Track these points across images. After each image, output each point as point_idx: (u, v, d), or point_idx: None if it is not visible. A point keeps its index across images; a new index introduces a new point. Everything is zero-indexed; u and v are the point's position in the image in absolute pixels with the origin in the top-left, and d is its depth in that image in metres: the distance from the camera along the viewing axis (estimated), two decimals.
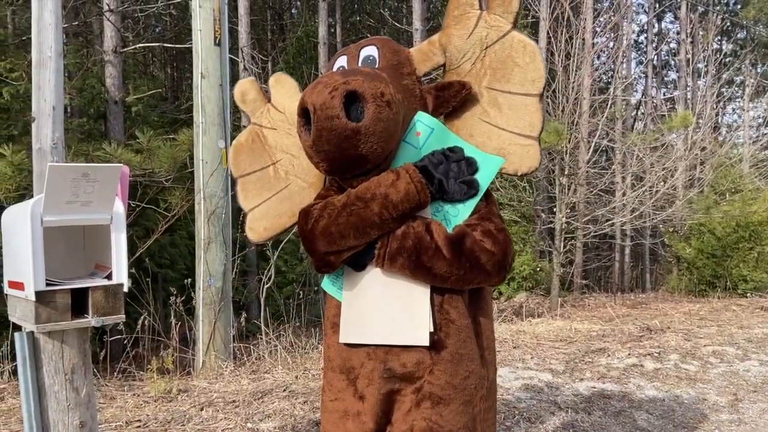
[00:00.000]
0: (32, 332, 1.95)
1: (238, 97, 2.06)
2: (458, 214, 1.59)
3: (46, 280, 1.84)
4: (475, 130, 1.66)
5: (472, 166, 1.58)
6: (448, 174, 1.56)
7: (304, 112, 1.49)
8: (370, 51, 1.70)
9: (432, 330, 1.57)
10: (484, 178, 1.58)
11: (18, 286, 1.92)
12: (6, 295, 2.10)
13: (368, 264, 1.61)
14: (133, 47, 9.57)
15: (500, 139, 1.63)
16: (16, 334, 1.99)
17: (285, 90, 1.99)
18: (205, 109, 5.02)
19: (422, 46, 1.75)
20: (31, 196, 2.00)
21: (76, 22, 9.62)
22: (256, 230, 1.99)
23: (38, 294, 1.82)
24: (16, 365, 2.04)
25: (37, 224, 1.82)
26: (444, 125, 1.65)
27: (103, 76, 8.39)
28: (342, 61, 1.74)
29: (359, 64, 1.69)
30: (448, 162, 1.57)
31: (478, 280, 1.57)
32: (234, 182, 2.07)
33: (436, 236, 1.52)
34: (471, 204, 1.59)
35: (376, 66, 1.66)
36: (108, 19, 8.06)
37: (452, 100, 1.66)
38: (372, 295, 1.62)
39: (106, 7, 8.11)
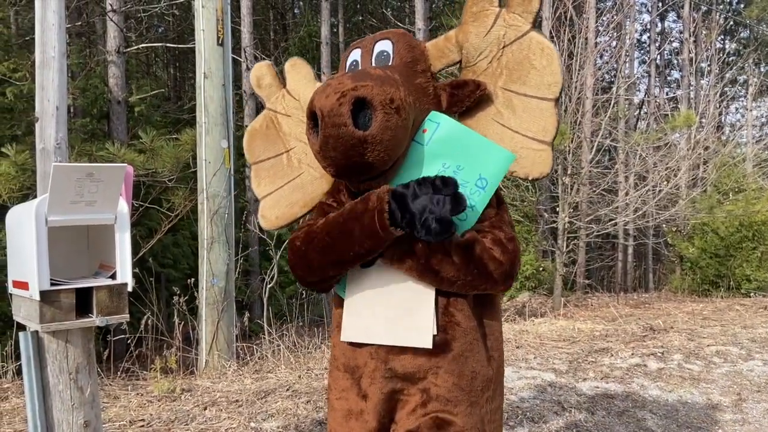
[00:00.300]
0: (37, 332, 1.96)
1: (254, 81, 2.03)
2: (466, 218, 1.56)
3: (51, 279, 1.84)
4: (487, 131, 1.63)
5: (459, 204, 1.45)
6: (425, 210, 1.44)
7: (312, 116, 1.48)
8: (384, 46, 1.68)
9: (435, 332, 1.56)
10: (493, 175, 1.55)
11: (22, 285, 1.92)
12: (10, 294, 2.10)
13: (376, 261, 1.60)
14: (136, 47, 9.60)
15: (513, 141, 1.61)
16: (21, 334, 1.99)
17: (301, 76, 1.96)
18: (208, 109, 5.03)
19: (438, 42, 1.72)
20: (35, 196, 2.00)
21: (80, 23, 9.63)
22: (269, 218, 1.99)
23: (43, 294, 1.82)
24: (20, 365, 2.05)
25: (42, 224, 1.82)
26: (454, 119, 1.62)
27: (106, 76, 8.41)
28: (356, 55, 1.72)
29: (372, 61, 1.67)
30: (434, 194, 1.45)
31: (483, 287, 1.56)
32: (241, 177, 2.06)
33: (445, 241, 1.50)
34: (480, 207, 1.56)
35: (390, 63, 1.64)
36: (111, 20, 8.07)
37: (466, 99, 1.63)
38: (376, 296, 1.61)
39: (109, 8, 8.13)
